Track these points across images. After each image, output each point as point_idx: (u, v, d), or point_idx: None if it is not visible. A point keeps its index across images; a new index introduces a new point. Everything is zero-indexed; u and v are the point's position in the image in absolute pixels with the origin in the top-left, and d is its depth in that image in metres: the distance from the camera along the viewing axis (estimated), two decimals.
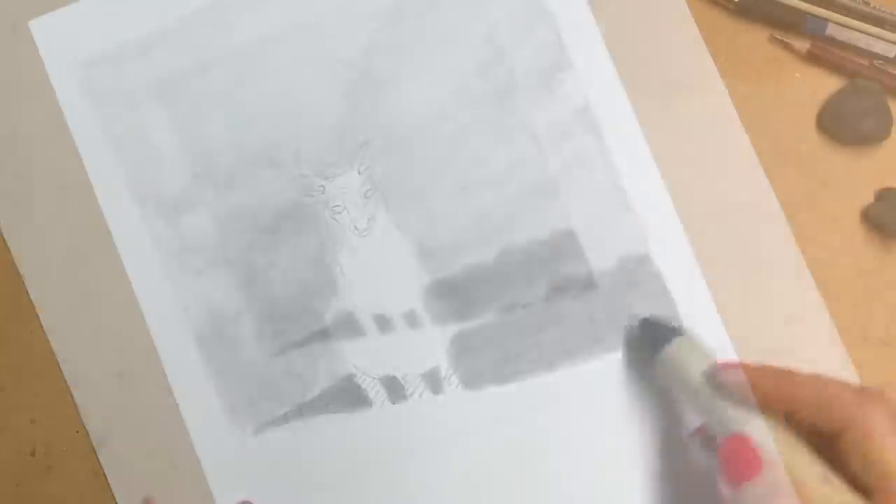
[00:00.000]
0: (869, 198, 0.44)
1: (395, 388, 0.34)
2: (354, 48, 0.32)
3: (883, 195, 0.43)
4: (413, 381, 0.34)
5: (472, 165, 0.33)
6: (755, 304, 0.43)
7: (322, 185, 0.33)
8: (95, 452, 0.36)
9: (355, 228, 0.33)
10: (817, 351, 0.43)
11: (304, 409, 0.33)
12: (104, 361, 0.34)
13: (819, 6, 0.44)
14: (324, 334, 0.33)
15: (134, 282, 0.33)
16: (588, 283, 0.34)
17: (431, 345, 0.34)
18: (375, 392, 0.34)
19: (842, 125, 0.43)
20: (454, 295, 0.33)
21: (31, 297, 0.36)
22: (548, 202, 0.33)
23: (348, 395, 0.33)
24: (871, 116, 0.42)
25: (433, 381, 0.34)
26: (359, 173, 0.33)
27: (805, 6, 0.44)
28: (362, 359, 0.34)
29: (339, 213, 0.33)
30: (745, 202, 0.43)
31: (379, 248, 0.33)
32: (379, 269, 0.33)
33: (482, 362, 0.33)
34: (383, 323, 0.33)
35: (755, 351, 0.42)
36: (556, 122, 0.33)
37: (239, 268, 0.33)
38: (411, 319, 0.33)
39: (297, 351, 0.33)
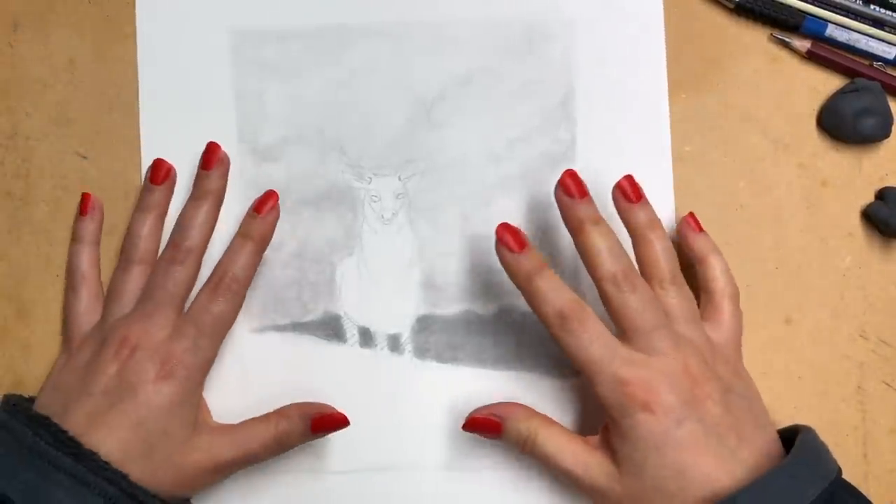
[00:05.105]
0: (869, 197, 0.44)
1: (366, 337, 0.43)
2: (428, 92, 0.44)
3: (883, 195, 0.43)
4: (381, 336, 0.43)
5: (472, 205, 0.44)
6: (754, 304, 0.43)
7: (370, 177, 0.43)
8: None
9: (382, 216, 0.43)
10: (817, 351, 0.43)
11: (298, 327, 0.43)
12: None
13: (819, 6, 0.44)
14: (332, 280, 0.43)
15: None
16: (521, 318, 0.43)
17: (402, 317, 0.43)
18: (352, 334, 0.43)
19: (842, 125, 0.43)
20: (431, 288, 0.43)
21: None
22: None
23: (332, 329, 0.43)
24: (871, 116, 0.42)
25: (394, 342, 0.43)
26: (399, 179, 0.43)
27: (805, 6, 0.44)
28: (351, 307, 0.43)
29: (376, 201, 0.43)
30: (742, 203, 0.43)
31: (391, 235, 0.43)
32: (387, 247, 0.44)
33: (432, 343, 0.43)
34: (377, 278, 0.43)
35: (754, 351, 0.42)
36: (546, 197, 0.43)
37: (291, 213, 0.43)
38: (400, 287, 0.43)
39: (310, 286, 0.43)
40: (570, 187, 0.38)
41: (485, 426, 0.39)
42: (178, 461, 0.37)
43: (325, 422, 0.39)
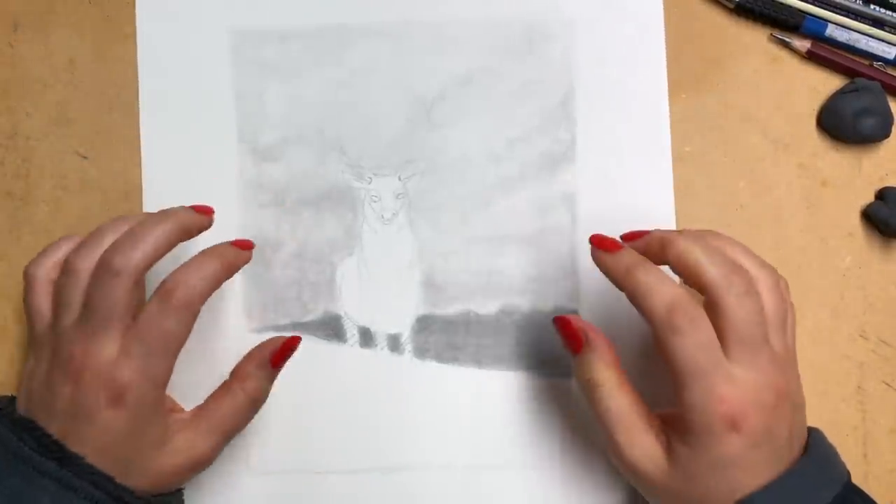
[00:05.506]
0: (869, 197, 0.44)
1: (366, 337, 0.43)
2: (428, 92, 0.44)
3: (883, 195, 0.43)
4: (381, 336, 0.43)
5: (472, 206, 0.44)
6: None
7: (370, 178, 0.43)
8: None
9: (382, 216, 0.43)
10: (817, 351, 0.43)
11: (298, 327, 0.43)
12: None
13: (819, 6, 0.44)
14: (332, 280, 0.43)
15: (215, 200, 0.41)
16: (521, 318, 0.43)
17: (402, 317, 0.43)
18: (352, 334, 0.43)
19: (842, 125, 0.43)
20: (431, 288, 0.43)
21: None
22: (518, 254, 0.43)
23: (332, 329, 0.43)
24: (871, 116, 0.42)
25: (394, 342, 0.43)
26: (399, 179, 0.43)
27: (805, 6, 0.44)
28: (351, 307, 0.43)
29: (376, 202, 0.44)
30: (742, 203, 0.44)
31: (391, 235, 0.44)
32: (387, 247, 0.44)
33: (432, 343, 0.43)
34: (377, 278, 0.43)
35: None
36: (546, 197, 0.43)
37: (291, 213, 0.44)
38: (400, 288, 0.43)
39: (310, 286, 0.43)
40: (633, 235, 0.37)
41: (571, 337, 0.37)
42: (155, 468, 0.36)
43: (283, 354, 0.39)
